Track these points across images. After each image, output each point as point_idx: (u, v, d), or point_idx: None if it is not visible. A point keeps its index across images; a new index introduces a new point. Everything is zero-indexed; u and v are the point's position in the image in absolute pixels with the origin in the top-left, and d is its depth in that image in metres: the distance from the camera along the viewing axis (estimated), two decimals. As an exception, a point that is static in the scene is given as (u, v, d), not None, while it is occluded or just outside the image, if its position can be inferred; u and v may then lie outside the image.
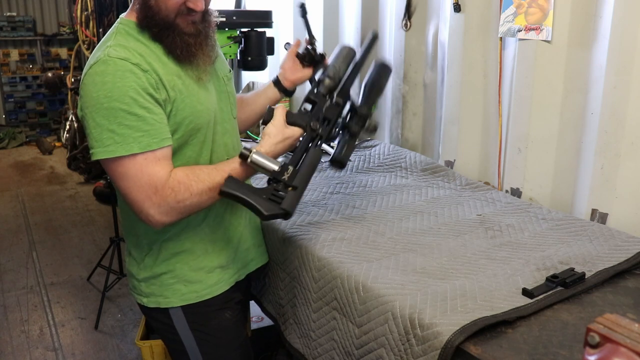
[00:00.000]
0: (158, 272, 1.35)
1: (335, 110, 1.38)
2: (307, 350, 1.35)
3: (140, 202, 1.18)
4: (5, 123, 7.21)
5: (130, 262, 1.40)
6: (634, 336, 0.60)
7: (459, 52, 1.90)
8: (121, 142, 1.14)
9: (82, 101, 1.18)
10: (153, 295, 1.37)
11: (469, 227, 1.47)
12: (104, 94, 1.14)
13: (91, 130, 1.16)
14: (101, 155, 1.16)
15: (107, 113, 1.14)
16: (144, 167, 1.16)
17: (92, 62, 1.17)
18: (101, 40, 1.25)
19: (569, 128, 1.65)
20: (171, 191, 1.18)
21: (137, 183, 1.17)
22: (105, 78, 1.14)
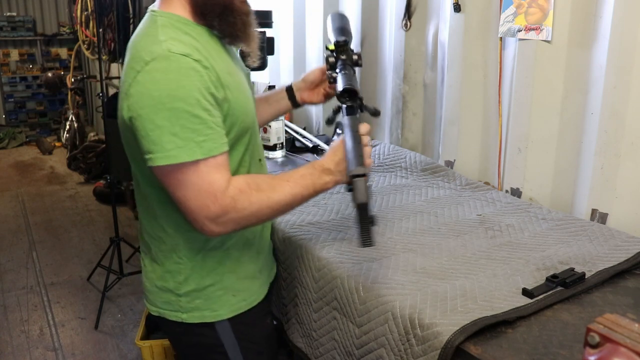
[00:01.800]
0: (204, 284, 1.23)
1: None
2: (310, 349, 1.35)
3: (197, 211, 1.09)
4: (5, 123, 7.21)
5: (162, 276, 1.25)
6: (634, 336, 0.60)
7: (459, 52, 1.90)
8: (184, 146, 1.04)
9: (133, 100, 1.06)
10: (197, 309, 1.25)
11: (469, 227, 1.47)
12: (167, 93, 1.03)
13: (148, 132, 1.05)
14: (162, 161, 1.05)
15: (170, 114, 1.03)
16: (205, 175, 1.07)
17: (148, 58, 1.05)
18: (139, 35, 1.13)
19: (569, 128, 1.65)
20: (231, 200, 1.10)
21: (196, 191, 1.07)
22: (168, 75, 1.04)
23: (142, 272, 1.32)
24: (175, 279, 1.24)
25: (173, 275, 1.24)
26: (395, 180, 1.84)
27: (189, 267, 1.23)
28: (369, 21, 2.32)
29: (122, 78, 1.13)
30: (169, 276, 1.24)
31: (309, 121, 2.70)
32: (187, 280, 1.23)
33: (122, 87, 1.12)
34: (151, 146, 1.05)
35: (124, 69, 1.13)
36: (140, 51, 1.08)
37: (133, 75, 1.06)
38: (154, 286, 1.27)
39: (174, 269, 1.24)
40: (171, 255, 1.23)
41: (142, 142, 1.06)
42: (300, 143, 2.28)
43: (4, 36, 7.06)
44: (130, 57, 1.10)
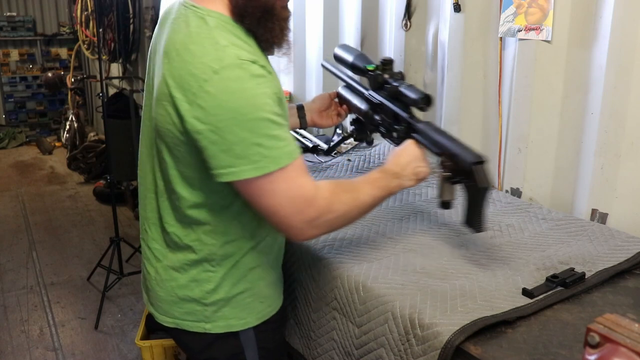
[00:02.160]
0: (234, 292, 1.19)
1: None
2: (307, 350, 1.35)
3: (292, 216, 1.06)
4: (5, 123, 7.21)
5: (186, 285, 1.19)
6: (634, 336, 0.60)
7: (459, 52, 1.90)
8: (270, 155, 1.01)
9: (207, 113, 0.99)
10: (223, 318, 1.20)
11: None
12: (246, 103, 0.99)
13: (231, 146, 1.00)
14: (251, 174, 1.01)
15: (252, 125, 0.99)
16: (294, 179, 1.04)
17: (217, 66, 0.99)
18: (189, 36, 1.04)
19: (569, 128, 1.65)
20: (324, 201, 1.08)
21: (289, 197, 1.04)
22: (244, 85, 0.99)
23: (150, 280, 1.24)
24: (202, 288, 1.18)
25: (200, 283, 1.18)
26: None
27: (219, 275, 1.18)
28: (369, 21, 2.32)
29: (167, 81, 1.04)
30: (194, 285, 1.18)
31: (309, 121, 2.69)
32: (217, 289, 1.18)
33: (171, 94, 1.03)
34: (234, 160, 1.00)
35: (171, 72, 1.04)
36: (202, 57, 1.01)
37: (198, 84, 0.99)
38: (173, 295, 1.20)
39: (202, 278, 1.18)
40: (201, 264, 1.18)
41: (220, 156, 1.01)
42: (300, 143, 2.28)
43: (4, 36, 7.06)
44: (183, 61, 1.02)
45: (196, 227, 1.16)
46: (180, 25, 1.08)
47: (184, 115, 1.02)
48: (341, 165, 1.99)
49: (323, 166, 2.00)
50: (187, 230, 1.17)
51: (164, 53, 1.08)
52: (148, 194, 1.23)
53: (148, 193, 1.23)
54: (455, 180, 1.21)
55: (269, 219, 1.09)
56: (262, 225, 1.20)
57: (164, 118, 1.07)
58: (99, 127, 6.43)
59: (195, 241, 1.17)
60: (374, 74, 1.41)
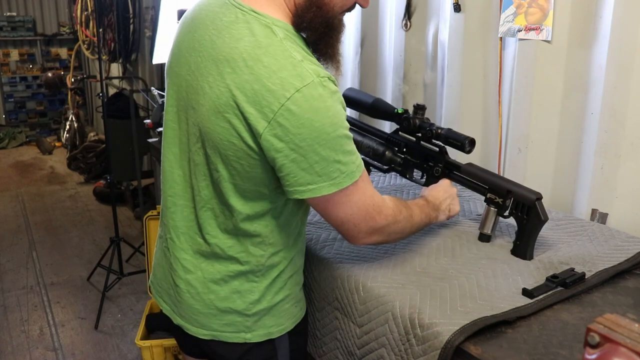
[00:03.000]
0: (276, 300, 1.18)
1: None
2: (314, 349, 1.35)
3: (363, 223, 1.09)
4: (5, 123, 7.21)
5: (228, 297, 1.16)
6: (634, 336, 0.60)
7: (459, 52, 1.90)
8: (346, 171, 1.03)
9: (287, 131, 0.97)
10: (263, 327, 1.18)
11: (469, 227, 1.47)
12: (330, 121, 0.98)
13: (312, 165, 0.99)
14: (329, 190, 1.02)
15: (334, 143, 1.00)
16: (366, 190, 1.08)
17: (299, 83, 0.96)
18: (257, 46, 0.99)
19: (569, 128, 1.65)
20: (392, 211, 1.14)
21: (361, 207, 1.08)
22: (326, 103, 0.98)
23: (181, 293, 1.19)
24: (245, 299, 1.16)
25: (243, 295, 1.16)
26: (395, 180, 1.84)
27: (264, 286, 1.16)
28: (369, 21, 2.32)
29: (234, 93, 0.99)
30: (237, 296, 1.16)
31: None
32: (260, 300, 1.17)
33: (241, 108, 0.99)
34: (314, 178, 1.01)
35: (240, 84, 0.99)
36: (279, 72, 0.97)
37: (279, 101, 0.96)
38: (212, 308, 1.17)
39: (245, 289, 1.16)
40: (245, 275, 1.15)
41: (300, 174, 1.01)
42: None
43: (4, 36, 7.06)
44: (256, 74, 0.98)
45: (244, 239, 1.13)
46: (242, 32, 1.02)
47: (261, 132, 0.98)
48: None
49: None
50: (233, 242, 1.14)
51: (225, 61, 1.01)
52: (179, 201, 1.18)
53: (179, 201, 1.18)
54: (506, 215, 1.32)
55: (339, 227, 1.11)
56: (301, 233, 1.22)
57: (225, 130, 1.02)
58: (99, 127, 6.44)
59: (241, 252, 1.14)
60: (408, 117, 1.49)
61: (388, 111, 1.54)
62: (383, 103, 1.57)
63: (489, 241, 1.37)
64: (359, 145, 1.64)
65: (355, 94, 1.65)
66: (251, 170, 1.05)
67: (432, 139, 1.46)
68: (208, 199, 1.13)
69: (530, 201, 1.27)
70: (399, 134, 1.56)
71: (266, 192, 1.09)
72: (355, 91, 1.67)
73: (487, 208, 1.35)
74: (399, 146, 1.56)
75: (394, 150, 1.57)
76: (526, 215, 1.28)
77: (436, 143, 1.47)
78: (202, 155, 1.10)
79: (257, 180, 1.06)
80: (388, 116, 1.55)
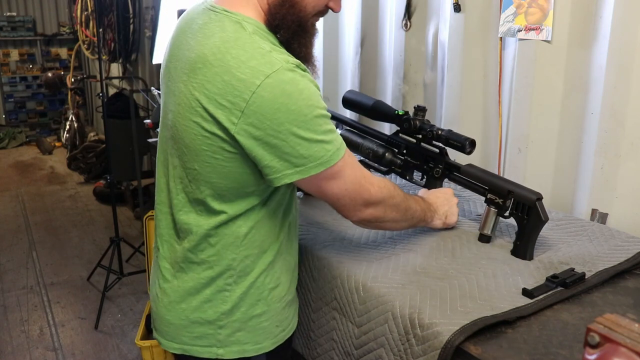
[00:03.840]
0: (252, 314, 1.14)
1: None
2: (306, 350, 1.35)
3: (357, 195, 1.11)
4: (5, 123, 7.22)
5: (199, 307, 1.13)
6: (634, 336, 0.60)
7: (459, 52, 1.90)
8: (332, 149, 1.03)
9: (262, 118, 0.97)
10: (237, 343, 1.14)
11: (469, 227, 1.47)
12: (306, 103, 0.98)
13: (294, 148, 0.99)
14: (316, 170, 1.02)
15: (313, 124, 1.00)
16: (354, 164, 1.10)
17: (268, 70, 0.96)
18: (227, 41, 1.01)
19: (569, 128, 1.65)
20: (386, 186, 1.16)
21: (354, 181, 1.09)
22: (299, 86, 0.98)
23: (157, 304, 1.18)
24: (217, 309, 1.13)
25: (214, 304, 1.13)
26: (396, 180, 1.84)
27: (237, 295, 1.13)
28: (369, 21, 2.32)
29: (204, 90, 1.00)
30: (208, 306, 1.13)
31: (309, 121, 2.69)
32: (233, 310, 1.13)
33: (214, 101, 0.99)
34: (299, 160, 1.01)
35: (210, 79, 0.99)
36: (248, 61, 0.98)
37: (250, 89, 0.96)
38: (183, 319, 1.14)
39: (217, 297, 1.13)
40: (216, 282, 1.12)
41: (283, 158, 1.00)
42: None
43: (4, 36, 7.06)
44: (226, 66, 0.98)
45: (216, 241, 1.11)
46: (213, 30, 1.04)
47: (235, 123, 0.98)
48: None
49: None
50: (205, 244, 1.12)
51: (198, 58, 1.03)
52: (163, 208, 1.18)
53: (163, 208, 1.18)
54: (506, 215, 1.32)
55: (336, 202, 1.13)
56: (280, 240, 1.18)
57: (194, 129, 1.03)
58: (99, 127, 6.44)
59: (213, 256, 1.12)
60: (409, 118, 1.50)
61: (388, 113, 1.55)
62: (383, 105, 1.58)
63: (489, 242, 1.37)
64: (358, 148, 1.65)
65: (356, 96, 1.65)
66: (228, 166, 1.04)
67: (433, 141, 1.47)
68: (184, 203, 1.12)
69: (531, 201, 1.27)
70: (399, 136, 1.56)
71: (240, 189, 1.08)
72: (355, 93, 1.67)
73: (487, 209, 1.35)
74: (399, 148, 1.56)
75: (393, 151, 1.57)
76: (526, 215, 1.28)
77: (436, 144, 1.47)
78: (177, 157, 1.11)
79: (233, 177, 1.06)
80: (388, 118, 1.56)
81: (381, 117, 1.58)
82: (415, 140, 1.52)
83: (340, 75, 2.53)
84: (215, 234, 1.11)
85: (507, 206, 1.31)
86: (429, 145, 1.49)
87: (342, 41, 2.49)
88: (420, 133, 1.48)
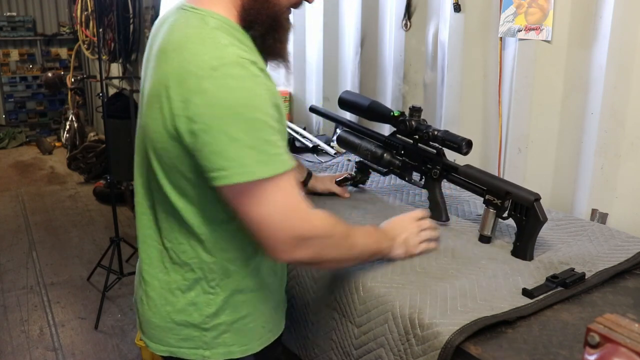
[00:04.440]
0: (237, 316, 1.13)
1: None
2: (304, 351, 1.35)
3: (281, 230, 0.98)
4: (5, 123, 7.21)
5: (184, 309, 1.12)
6: (634, 336, 0.60)
7: (459, 52, 1.90)
8: (265, 161, 0.95)
9: (201, 111, 0.93)
10: (224, 345, 1.13)
11: (469, 227, 1.47)
12: (244, 102, 0.93)
13: (223, 147, 0.93)
14: (240, 178, 0.94)
15: (248, 126, 0.93)
16: (289, 191, 0.98)
17: (217, 62, 0.94)
18: (187, 35, 1.00)
19: (569, 128, 1.65)
20: (319, 221, 1.03)
21: (280, 208, 0.98)
22: (244, 83, 0.94)
23: (143, 307, 1.17)
24: (202, 312, 1.11)
25: (199, 307, 1.11)
26: (395, 180, 1.84)
27: (221, 298, 1.11)
28: (369, 21, 2.32)
29: (163, 81, 0.99)
30: (193, 309, 1.11)
31: (309, 121, 2.70)
32: (218, 313, 1.11)
33: (167, 93, 0.98)
34: (225, 162, 0.94)
35: (168, 71, 0.99)
36: (202, 55, 0.96)
37: (195, 81, 0.94)
38: (169, 321, 1.13)
39: (201, 301, 1.11)
40: (199, 284, 1.11)
41: (211, 158, 0.95)
42: (300, 143, 2.28)
43: (4, 36, 7.06)
44: (182, 59, 0.98)
45: (195, 243, 1.09)
46: (179, 26, 1.04)
47: (177, 113, 0.96)
48: (341, 165, 1.99)
49: (323, 166, 2.00)
50: (185, 247, 1.10)
51: (160, 52, 1.04)
52: (141, 209, 1.16)
53: (141, 208, 1.16)
54: (505, 217, 1.32)
55: (256, 231, 1.00)
56: None
57: (155, 121, 1.01)
58: (99, 127, 6.43)
59: (194, 258, 1.10)
60: (404, 119, 1.49)
61: (384, 114, 1.55)
62: (379, 106, 1.57)
63: (489, 242, 1.37)
64: (357, 149, 1.64)
65: (352, 96, 1.65)
66: (176, 161, 1.02)
67: (429, 141, 1.47)
68: (160, 201, 1.11)
69: (529, 202, 1.27)
70: (396, 137, 1.56)
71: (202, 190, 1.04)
72: (351, 94, 1.67)
73: (486, 210, 1.35)
74: (396, 149, 1.56)
75: (392, 152, 1.57)
76: (525, 216, 1.28)
77: (434, 145, 1.47)
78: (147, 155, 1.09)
79: (185, 175, 1.03)
80: (384, 119, 1.55)
81: (377, 118, 1.58)
82: (412, 141, 1.52)
83: (340, 75, 2.53)
84: (193, 237, 1.09)
85: (506, 207, 1.31)
86: (426, 146, 1.49)
87: (342, 41, 2.49)
88: (417, 134, 1.48)
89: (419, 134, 1.48)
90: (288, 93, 2.80)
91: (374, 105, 1.57)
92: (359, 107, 1.61)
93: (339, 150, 2.14)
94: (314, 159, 2.15)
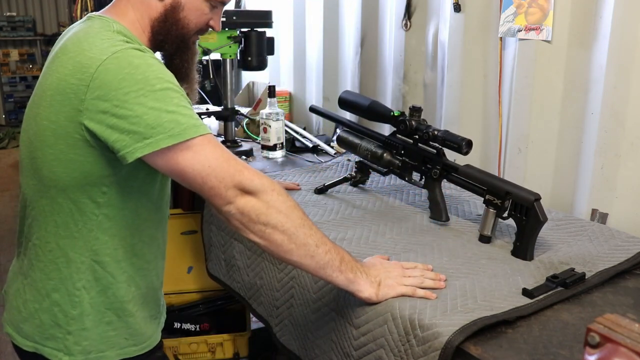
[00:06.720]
0: (100, 321, 1.11)
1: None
2: (303, 351, 1.34)
3: (228, 177, 0.96)
4: (5, 123, 7.22)
5: (49, 309, 1.10)
6: (634, 336, 0.60)
7: (459, 52, 1.90)
8: (185, 123, 0.95)
9: (107, 89, 0.95)
10: (83, 352, 1.11)
11: (469, 227, 1.47)
12: (154, 75, 0.96)
13: (142, 117, 0.94)
14: (167, 142, 0.94)
15: (162, 95, 0.95)
16: (219, 145, 0.99)
17: (116, 48, 0.98)
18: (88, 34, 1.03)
19: (569, 128, 1.65)
20: (266, 177, 1.01)
21: (219, 157, 0.97)
22: (147, 61, 0.98)
23: (15, 297, 1.16)
24: (65, 313, 1.10)
25: (62, 308, 1.10)
26: (395, 180, 1.84)
27: (86, 300, 1.09)
28: (369, 21, 2.32)
29: (60, 76, 1.01)
30: (57, 309, 1.10)
31: (309, 121, 2.70)
32: (82, 316, 1.10)
33: (69, 81, 0.99)
34: (148, 131, 0.94)
35: (65, 64, 1.01)
36: (99, 45, 0.99)
37: (97, 64, 0.96)
38: (37, 318, 1.11)
39: (65, 301, 1.09)
40: (64, 284, 1.09)
41: (132, 130, 0.94)
42: (300, 143, 2.28)
43: (4, 36, 7.07)
44: (79, 50, 1.00)
45: (64, 242, 1.09)
46: (82, 28, 1.08)
47: (82, 99, 0.97)
48: (341, 165, 1.99)
49: (323, 166, 2.00)
50: (52, 245, 1.09)
51: (60, 50, 1.06)
52: (22, 203, 1.20)
53: (22, 202, 1.20)
54: (505, 217, 1.32)
55: (202, 187, 0.98)
56: (136, 250, 1.15)
57: (41, 118, 1.03)
58: (99, 127, 6.43)
59: (61, 257, 1.09)
60: (404, 119, 1.49)
61: (384, 114, 1.55)
62: (379, 106, 1.57)
63: (489, 242, 1.37)
64: (357, 148, 1.65)
65: (352, 96, 1.65)
66: (71, 153, 1.02)
67: (430, 141, 1.46)
68: (33, 198, 1.12)
69: (529, 202, 1.27)
70: (396, 136, 1.56)
71: (87, 184, 1.04)
72: (351, 94, 1.67)
73: (486, 210, 1.35)
74: (396, 148, 1.56)
75: (392, 152, 1.57)
76: (525, 216, 1.28)
77: (434, 145, 1.47)
78: (31, 154, 1.09)
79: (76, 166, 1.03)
80: (384, 119, 1.56)
81: (377, 118, 1.58)
82: (412, 141, 1.52)
83: (340, 75, 2.53)
84: (62, 234, 1.09)
85: (506, 207, 1.31)
86: (426, 145, 1.49)
87: (342, 41, 2.49)
88: (417, 134, 1.49)
89: (419, 134, 1.48)
90: (288, 93, 2.80)
91: (374, 105, 1.57)
92: (359, 107, 1.61)
93: (339, 150, 2.14)
94: (314, 159, 2.15)
